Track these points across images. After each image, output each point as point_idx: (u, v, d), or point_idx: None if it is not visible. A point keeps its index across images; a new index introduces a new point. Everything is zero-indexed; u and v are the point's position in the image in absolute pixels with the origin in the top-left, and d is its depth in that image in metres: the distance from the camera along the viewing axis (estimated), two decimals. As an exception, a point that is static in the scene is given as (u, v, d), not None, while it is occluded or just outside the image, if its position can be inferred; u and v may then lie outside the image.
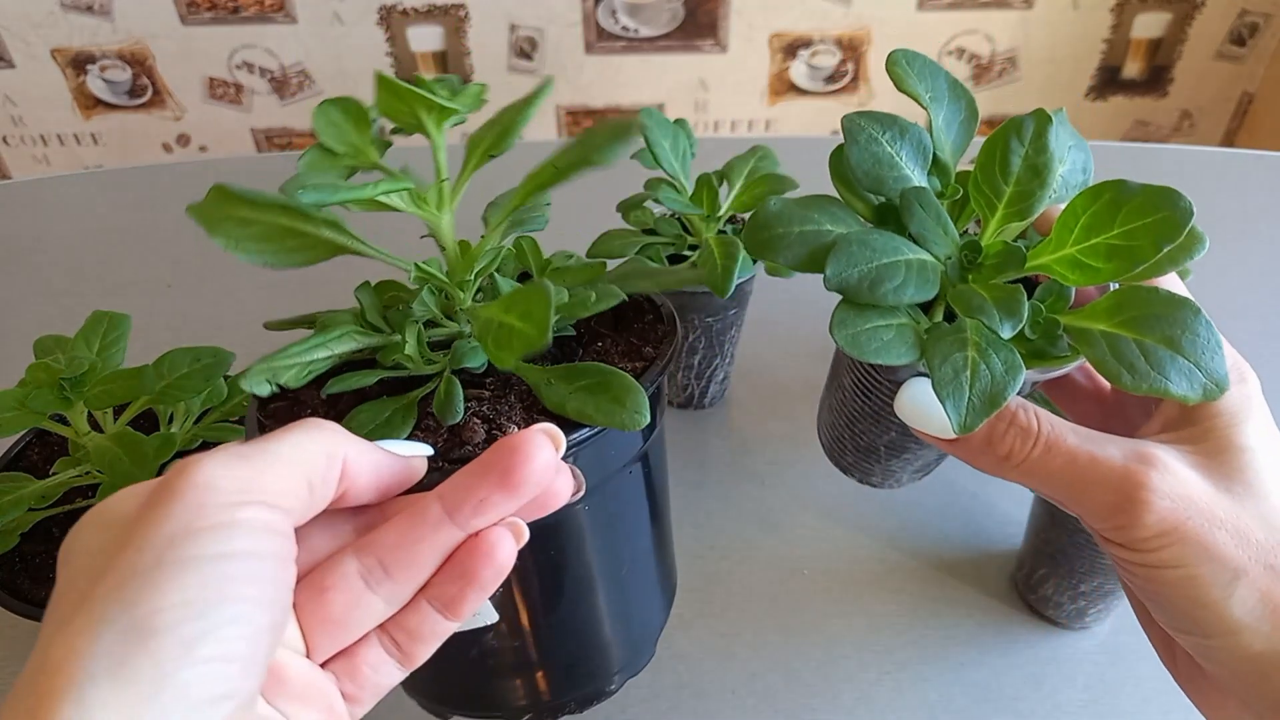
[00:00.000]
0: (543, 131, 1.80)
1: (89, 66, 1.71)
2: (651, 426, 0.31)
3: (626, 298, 0.32)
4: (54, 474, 0.45)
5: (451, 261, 0.32)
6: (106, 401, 0.42)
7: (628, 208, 0.61)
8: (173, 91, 1.75)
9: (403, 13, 1.64)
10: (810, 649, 0.51)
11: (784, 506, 0.60)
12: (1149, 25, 1.65)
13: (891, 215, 0.30)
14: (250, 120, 1.79)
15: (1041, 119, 0.28)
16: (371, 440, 0.26)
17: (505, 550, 0.25)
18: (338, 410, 0.31)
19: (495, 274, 0.32)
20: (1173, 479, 0.26)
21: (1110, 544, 0.28)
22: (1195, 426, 0.28)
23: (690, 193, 0.59)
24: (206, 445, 0.50)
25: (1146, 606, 0.29)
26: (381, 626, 0.26)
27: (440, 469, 0.27)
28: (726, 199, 0.60)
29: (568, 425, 0.28)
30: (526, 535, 0.26)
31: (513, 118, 0.31)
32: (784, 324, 0.79)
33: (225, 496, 0.21)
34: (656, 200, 0.57)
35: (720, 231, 0.59)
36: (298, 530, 0.24)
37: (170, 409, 0.49)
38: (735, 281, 0.53)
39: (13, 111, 1.77)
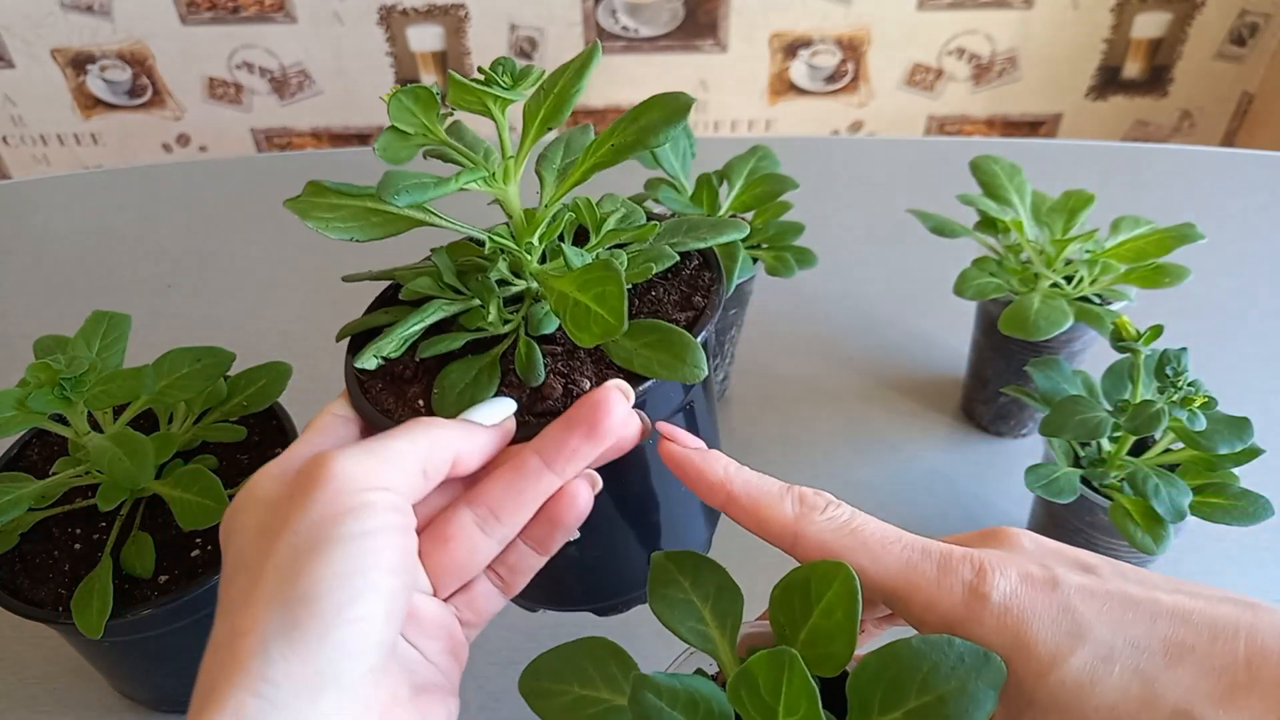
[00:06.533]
0: (543, 131, 1.80)
1: (89, 66, 1.71)
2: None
3: (679, 256, 0.36)
4: (54, 474, 0.45)
5: (518, 228, 0.35)
6: (106, 401, 0.42)
7: (628, 208, 0.61)
8: (173, 91, 1.75)
9: (403, 13, 1.64)
10: (810, 649, 0.51)
11: (784, 506, 0.60)
12: (1149, 25, 1.65)
13: None
14: (250, 120, 1.79)
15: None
16: (464, 397, 0.32)
17: (584, 498, 0.30)
18: (425, 366, 0.35)
19: (561, 244, 0.34)
20: None
21: None
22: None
23: (690, 193, 0.59)
24: (206, 445, 0.50)
25: None
26: (488, 565, 0.31)
27: (526, 423, 0.32)
28: (727, 199, 0.60)
29: (634, 377, 0.32)
30: (600, 484, 0.31)
31: (566, 89, 0.33)
32: (784, 324, 0.79)
33: (357, 483, 0.26)
34: (657, 200, 0.57)
35: (720, 231, 0.59)
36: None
37: (170, 409, 0.49)
38: (735, 281, 0.53)
39: (13, 111, 1.77)
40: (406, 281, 0.36)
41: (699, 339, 0.32)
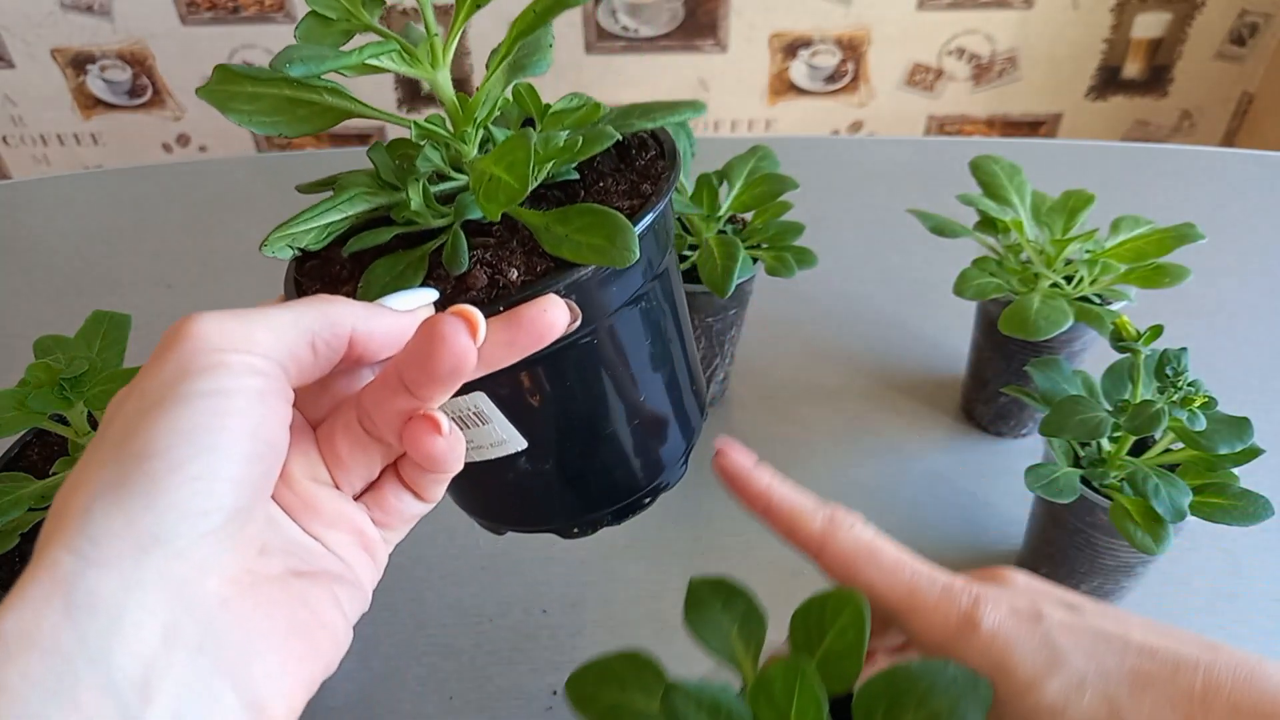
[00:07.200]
0: (543, 131, 1.80)
1: (89, 66, 1.71)
2: (650, 265, 0.32)
3: (621, 138, 0.34)
4: (54, 474, 0.45)
5: (453, 115, 0.33)
6: (106, 401, 0.42)
7: (628, 208, 0.61)
8: (173, 91, 1.75)
9: (403, 12, 1.64)
10: (810, 649, 0.51)
11: (784, 506, 0.60)
12: (1149, 25, 1.65)
13: None
14: (250, 120, 1.79)
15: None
16: (388, 291, 0.29)
17: (432, 441, 0.27)
18: (362, 264, 0.33)
19: (490, 125, 0.33)
20: None
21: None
22: None
23: (690, 192, 0.59)
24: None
25: None
26: (395, 467, 0.29)
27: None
28: (726, 199, 0.60)
29: (568, 265, 0.30)
30: (453, 436, 0.27)
31: None
32: (784, 324, 0.79)
33: (216, 343, 0.24)
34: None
35: (720, 231, 0.59)
36: (324, 380, 0.28)
37: (170, 409, 0.49)
38: (735, 281, 0.53)
39: (13, 111, 1.77)
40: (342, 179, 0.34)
41: (641, 225, 0.30)
